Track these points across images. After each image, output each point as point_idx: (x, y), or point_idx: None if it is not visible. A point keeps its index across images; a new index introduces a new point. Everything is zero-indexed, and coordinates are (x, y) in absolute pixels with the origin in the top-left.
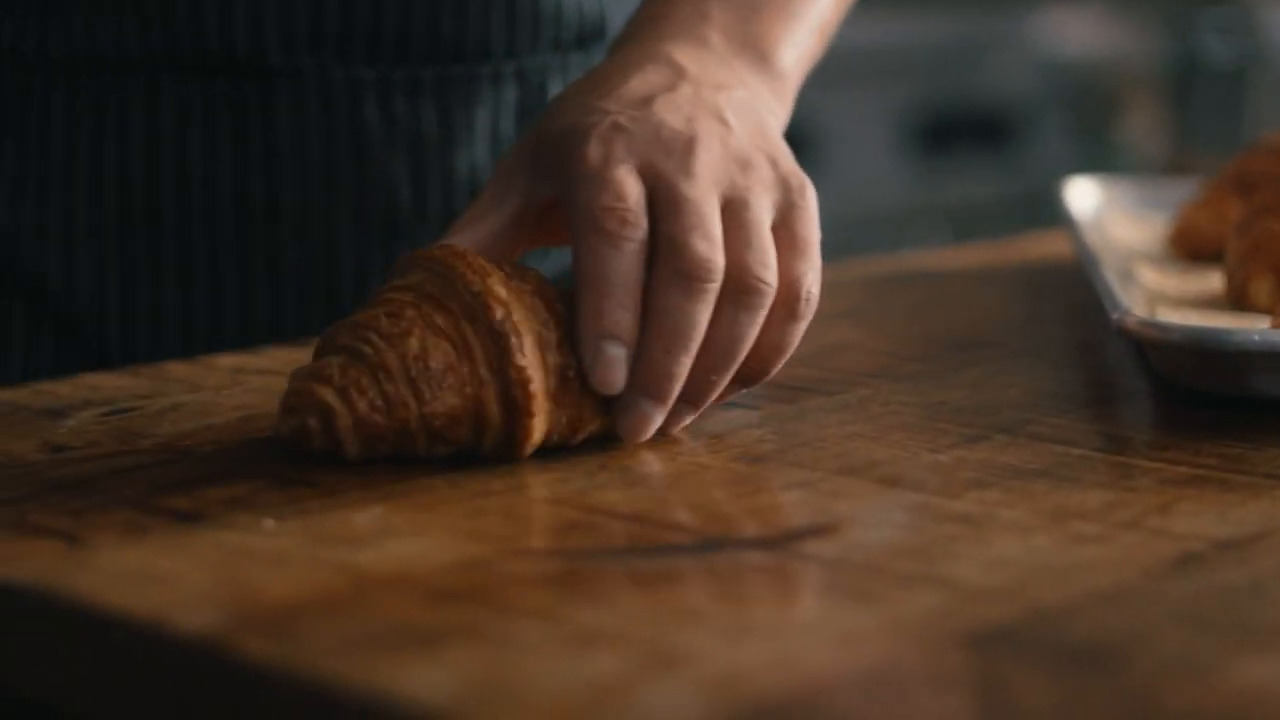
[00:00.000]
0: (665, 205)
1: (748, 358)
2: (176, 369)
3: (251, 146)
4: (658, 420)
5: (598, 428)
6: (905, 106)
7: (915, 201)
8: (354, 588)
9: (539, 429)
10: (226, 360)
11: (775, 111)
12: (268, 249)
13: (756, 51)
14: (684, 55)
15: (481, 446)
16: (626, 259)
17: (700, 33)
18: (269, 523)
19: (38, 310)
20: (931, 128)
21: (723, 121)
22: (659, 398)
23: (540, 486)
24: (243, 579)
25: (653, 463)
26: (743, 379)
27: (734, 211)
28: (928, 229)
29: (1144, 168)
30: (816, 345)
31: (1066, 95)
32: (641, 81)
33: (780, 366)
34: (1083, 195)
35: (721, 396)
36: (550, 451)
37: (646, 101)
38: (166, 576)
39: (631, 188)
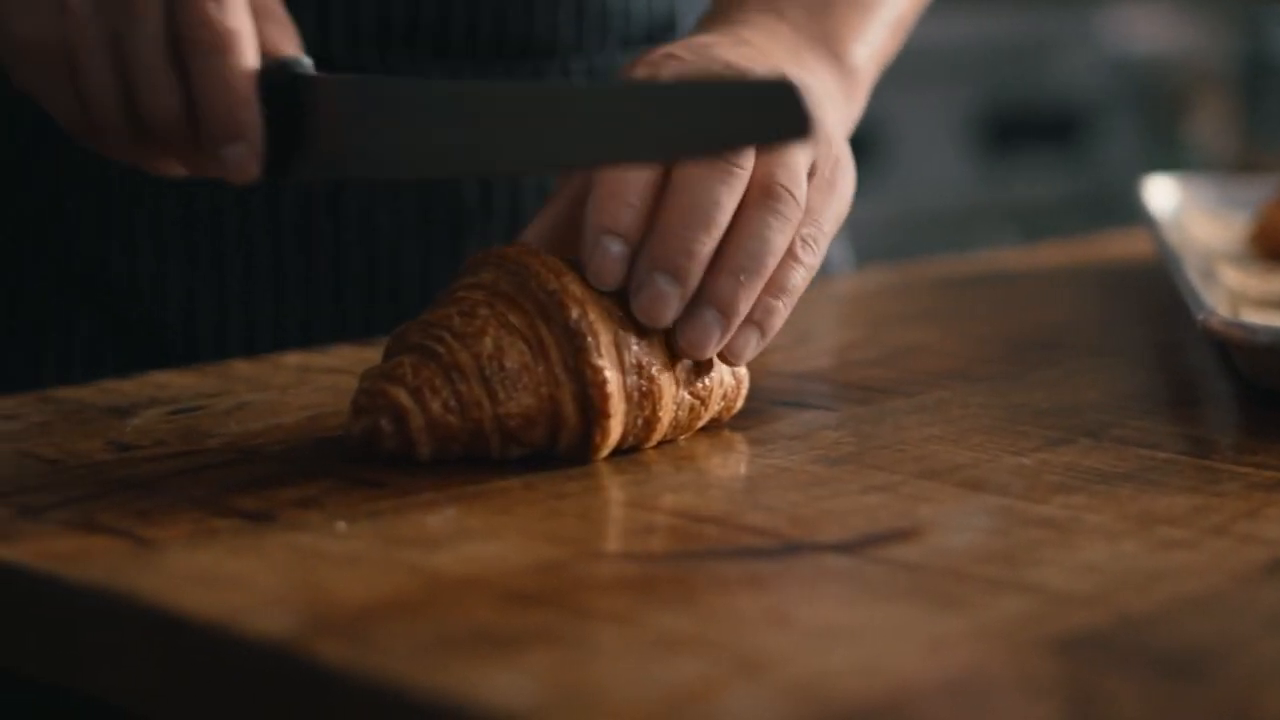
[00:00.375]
0: None
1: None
2: (242, 367)
3: None
4: (675, 304)
5: (675, 430)
6: (971, 105)
7: (981, 201)
8: (428, 590)
9: (615, 430)
10: (293, 359)
11: (840, 104)
12: (332, 247)
13: (828, 47)
14: (754, 37)
15: (556, 448)
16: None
17: (771, 27)
18: (340, 524)
19: (101, 309)
20: (998, 126)
21: None
22: (676, 275)
23: (615, 488)
24: (315, 581)
25: (729, 464)
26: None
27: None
28: (994, 229)
29: (1212, 166)
30: (892, 346)
31: (1134, 93)
32: (706, 36)
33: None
34: (1161, 194)
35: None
36: (624, 453)
37: (707, 45)
38: (237, 578)
39: None
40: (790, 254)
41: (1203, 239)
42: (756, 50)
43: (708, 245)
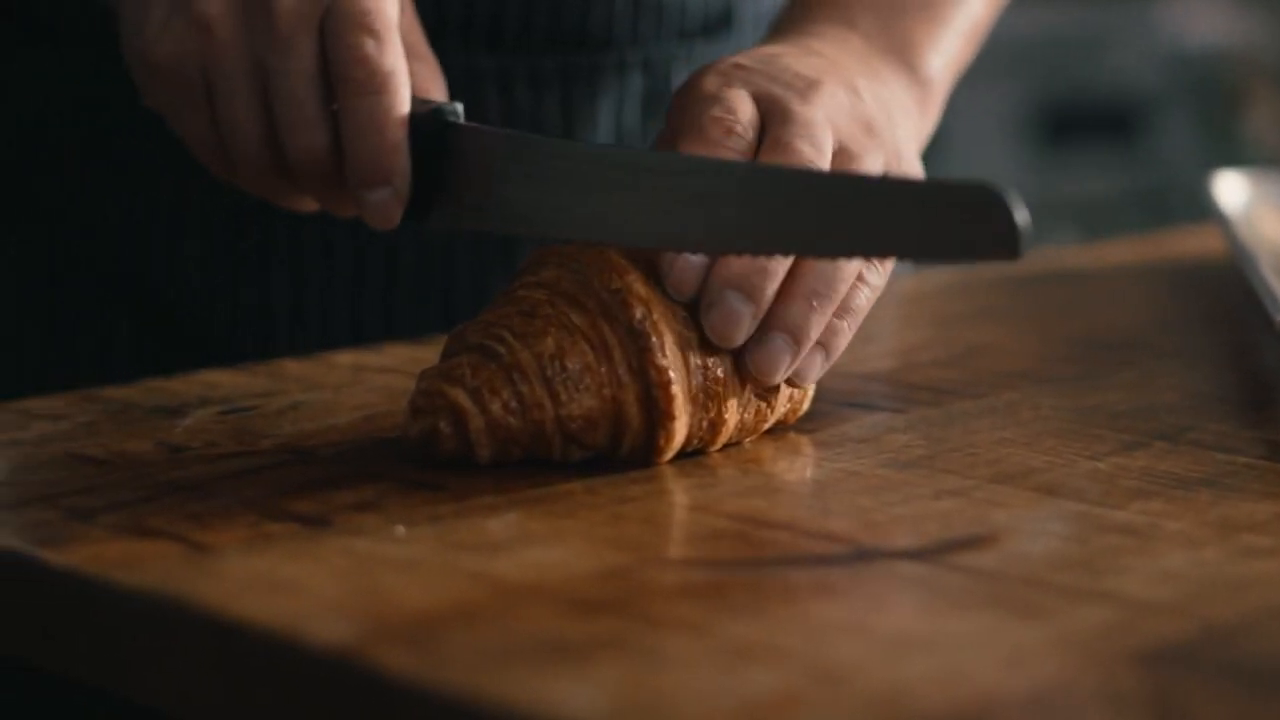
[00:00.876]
0: (775, 118)
1: None
2: (293, 367)
3: None
4: (747, 323)
5: (740, 433)
6: (1027, 100)
7: (1037, 197)
8: (492, 597)
9: (680, 432)
10: (345, 358)
11: (913, 116)
12: (382, 246)
13: (900, 57)
14: (825, 48)
15: (619, 451)
16: None
17: (842, 37)
18: (399, 529)
19: (144, 310)
20: (1053, 121)
21: (853, 89)
22: (750, 294)
23: (681, 493)
24: (375, 588)
25: (797, 468)
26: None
27: (844, 161)
28: (1050, 225)
29: (1271, 161)
30: (959, 346)
31: (1191, 87)
32: (774, 47)
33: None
34: (1231, 189)
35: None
36: (688, 456)
37: (775, 54)
38: (295, 584)
39: (744, 105)
40: (858, 274)
41: (1274, 236)
42: (827, 61)
43: (783, 266)
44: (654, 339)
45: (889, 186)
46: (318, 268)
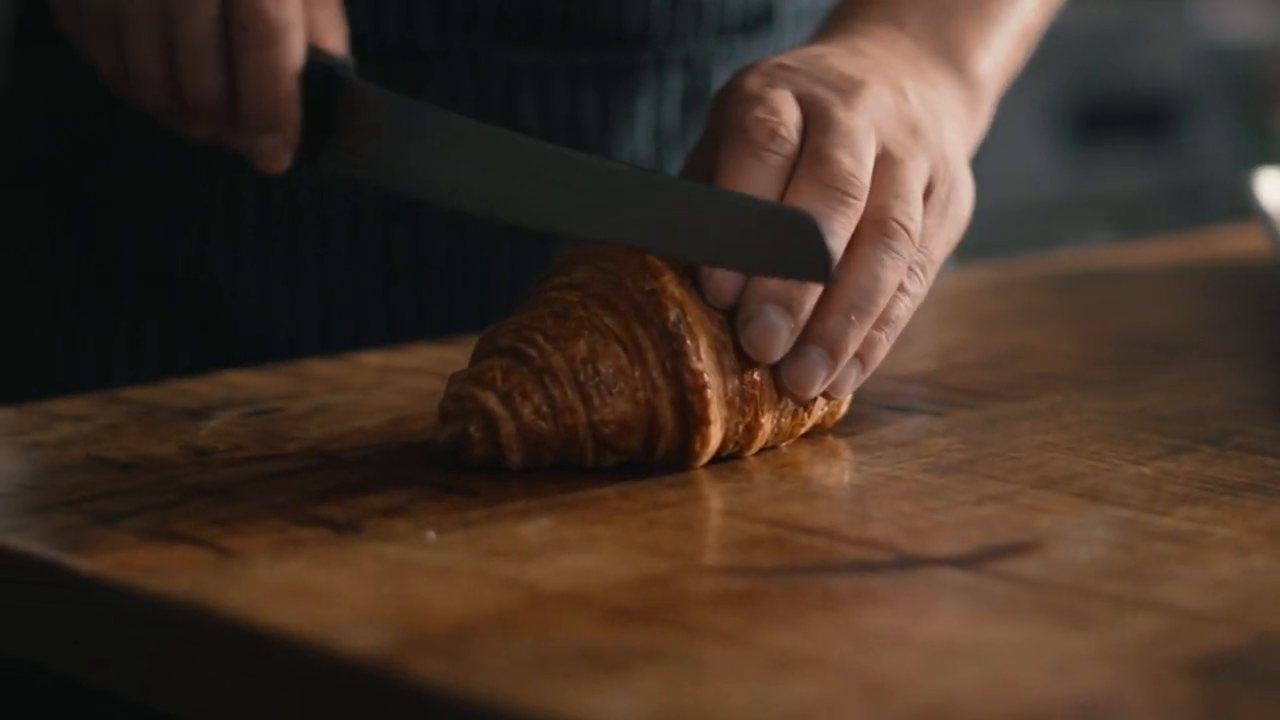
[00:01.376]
0: (817, 123)
1: None
2: (319, 367)
3: None
4: (785, 338)
5: (777, 438)
6: (1059, 95)
7: (1069, 194)
8: (527, 605)
9: (715, 437)
10: (372, 358)
11: (961, 119)
12: (414, 244)
13: (949, 58)
14: (871, 48)
15: (653, 456)
16: (768, 171)
17: (890, 37)
18: (430, 535)
19: (172, 307)
20: (1086, 117)
21: (899, 90)
22: (789, 308)
23: (717, 498)
24: (407, 595)
25: (835, 473)
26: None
27: (888, 165)
28: (1083, 223)
29: None
30: (997, 348)
31: (1227, 83)
32: (819, 47)
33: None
34: (1273, 187)
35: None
36: (723, 460)
37: (820, 54)
38: (325, 592)
39: (788, 107)
40: (899, 285)
41: None
42: (872, 62)
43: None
44: (689, 341)
45: (725, 201)
46: (348, 265)
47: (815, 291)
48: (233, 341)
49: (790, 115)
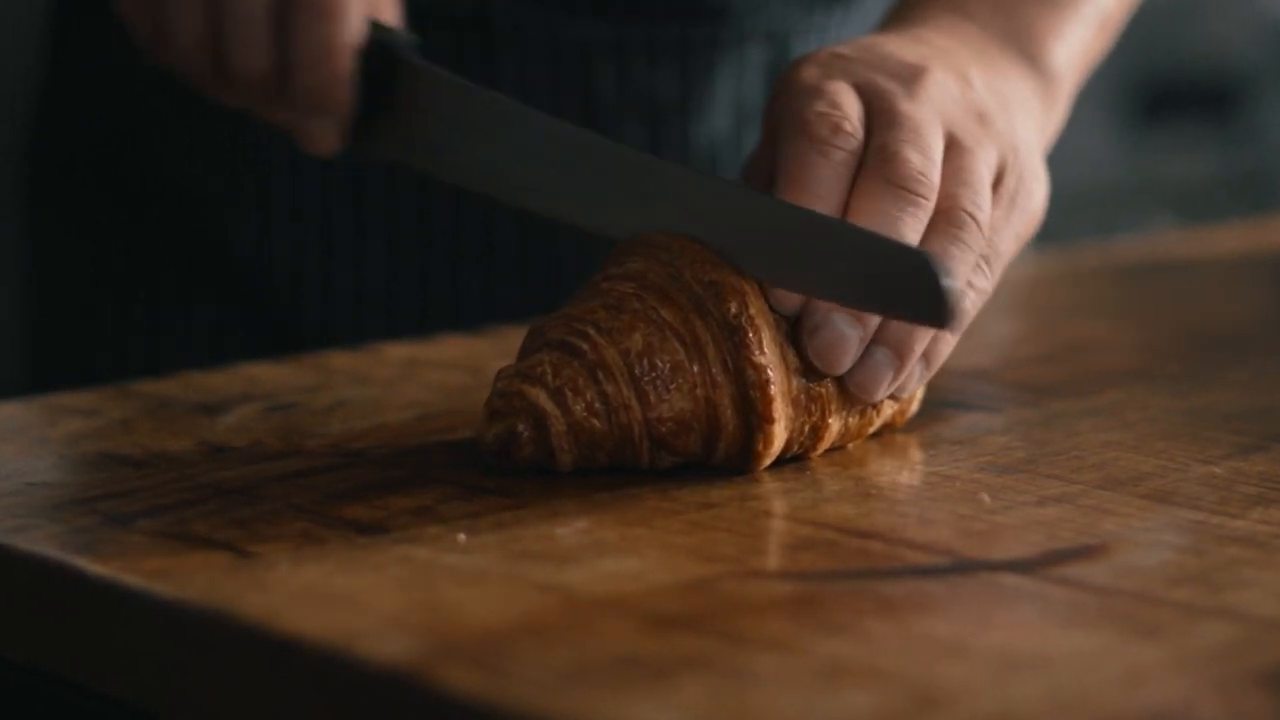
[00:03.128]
0: (881, 118)
1: None
2: (340, 360)
3: None
4: (855, 349)
5: (844, 438)
6: (1119, 73)
7: (1129, 179)
8: (564, 612)
9: (779, 437)
10: (397, 351)
11: (1035, 111)
12: (483, 228)
13: (1020, 47)
14: (934, 36)
15: (713, 457)
16: (833, 169)
17: (955, 26)
18: (460, 536)
19: (231, 292)
20: (1147, 97)
21: (964, 77)
22: (859, 316)
23: (764, 498)
24: (437, 600)
25: (889, 472)
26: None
27: (954, 154)
28: (1143, 209)
29: None
30: (1059, 341)
31: None
32: (878, 36)
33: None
34: None
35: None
36: (786, 461)
37: (878, 43)
38: (351, 597)
39: (849, 99)
40: (965, 281)
41: None
42: (935, 50)
43: None
44: (751, 335)
45: (838, 230)
46: (413, 248)
47: None
48: (295, 327)
49: (852, 108)
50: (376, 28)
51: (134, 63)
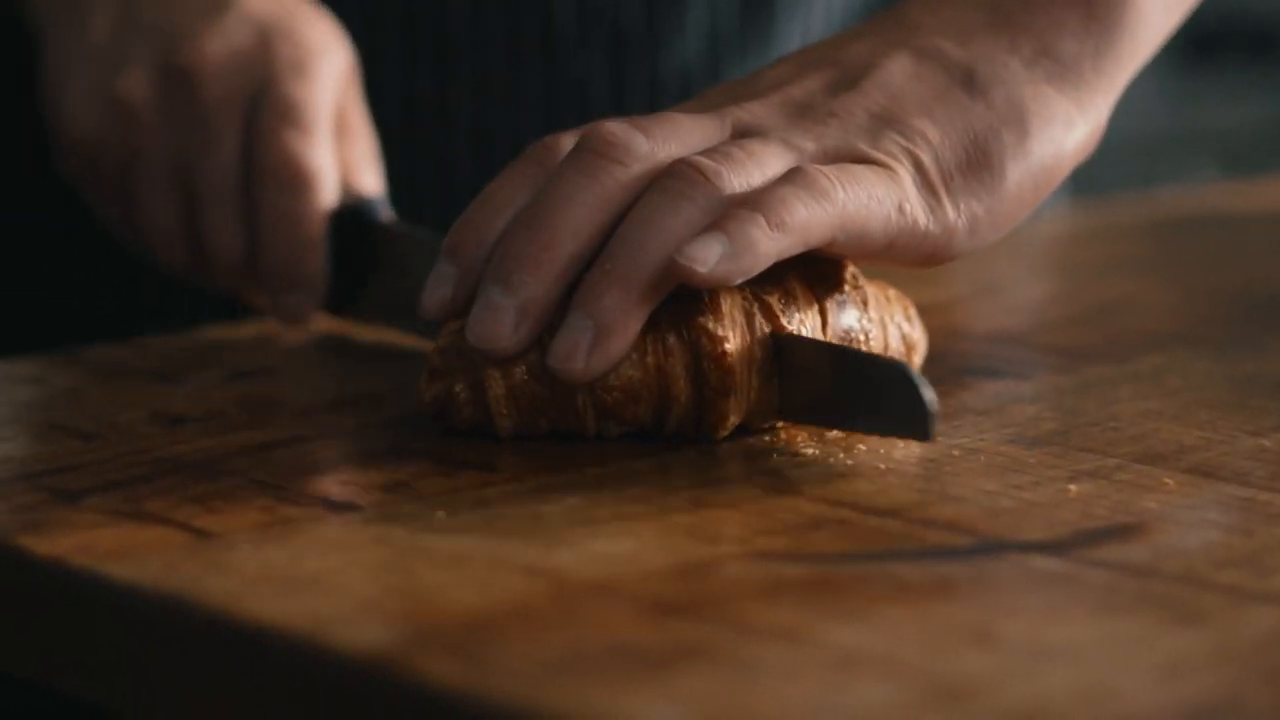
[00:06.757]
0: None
1: None
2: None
3: (420, 45)
4: (506, 317)
5: None
6: None
7: (1172, 128)
8: (553, 596)
9: (735, 410)
10: None
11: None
12: (440, 164)
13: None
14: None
15: (665, 428)
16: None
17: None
18: (440, 514)
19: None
20: (1189, 42)
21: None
22: (500, 279)
23: (772, 473)
24: (415, 584)
25: (907, 445)
26: None
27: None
28: (1187, 160)
29: None
30: (1094, 302)
31: None
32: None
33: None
34: None
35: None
36: (777, 430)
37: (899, 19)
38: (320, 580)
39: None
40: (800, 181)
41: None
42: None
43: (549, 247)
44: (706, 299)
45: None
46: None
47: (536, 260)
48: None
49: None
50: (346, 195)
51: None
